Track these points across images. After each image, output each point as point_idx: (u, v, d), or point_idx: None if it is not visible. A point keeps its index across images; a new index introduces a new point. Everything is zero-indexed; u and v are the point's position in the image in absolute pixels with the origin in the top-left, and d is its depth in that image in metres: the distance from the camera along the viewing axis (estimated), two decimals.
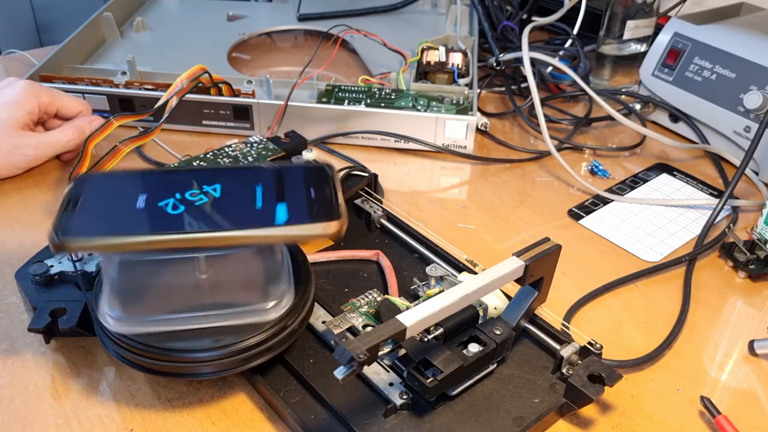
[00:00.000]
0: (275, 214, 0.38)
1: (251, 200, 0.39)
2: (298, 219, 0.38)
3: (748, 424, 0.43)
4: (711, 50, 0.69)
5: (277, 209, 0.38)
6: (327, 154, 0.68)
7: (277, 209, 0.38)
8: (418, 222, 0.57)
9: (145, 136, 0.60)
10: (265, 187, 0.40)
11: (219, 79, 0.67)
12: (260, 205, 0.39)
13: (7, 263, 0.52)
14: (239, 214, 0.38)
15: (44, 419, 0.41)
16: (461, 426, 0.40)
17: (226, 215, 0.38)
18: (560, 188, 0.65)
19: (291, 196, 0.40)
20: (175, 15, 0.91)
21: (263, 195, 0.39)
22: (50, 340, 0.45)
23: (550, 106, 0.78)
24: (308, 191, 0.40)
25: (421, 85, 0.73)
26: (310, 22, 0.90)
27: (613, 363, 0.45)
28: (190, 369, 0.40)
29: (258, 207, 0.39)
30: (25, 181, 0.62)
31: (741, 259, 0.54)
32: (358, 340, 0.35)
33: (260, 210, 0.38)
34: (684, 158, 0.70)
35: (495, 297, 0.45)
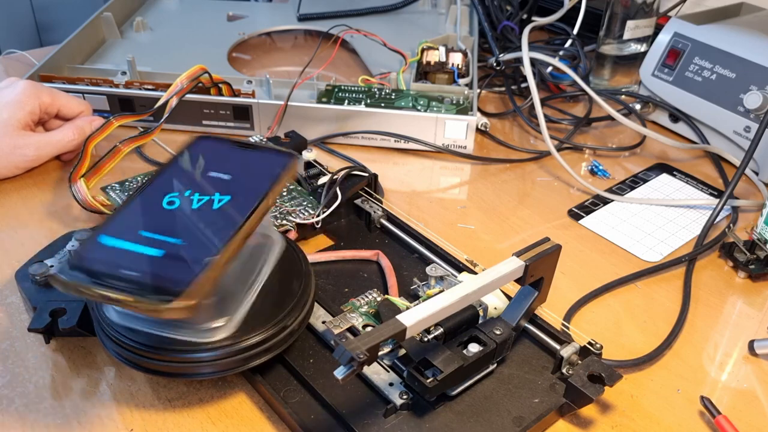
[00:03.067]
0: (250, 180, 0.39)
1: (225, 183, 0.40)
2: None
3: (748, 424, 0.43)
4: (711, 50, 0.69)
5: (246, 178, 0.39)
6: (327, 154, 0.68)
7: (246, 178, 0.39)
8: (418, 222, 0.57)
9: (145, 136, 0.60)
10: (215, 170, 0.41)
11: (219, 79, 0.67)
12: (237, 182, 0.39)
13: (7, 263, 0.52)
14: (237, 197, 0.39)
15: (44, 419, 0.41)
16: (461, 426, 0.40)
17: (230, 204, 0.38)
18: (560, 188, 0.65)
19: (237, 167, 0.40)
20: (175, 15, 0.91)
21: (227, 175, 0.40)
22: (50, 340, 0.45)
23: (550, 106, 0.78)
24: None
25: (421, 85, 0.73)
26: (310, 22, 0.90)
27: (613, 363, 0.45)
28: (190, 369, 0.40)
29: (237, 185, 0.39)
30: (25, 181, 0.62)
31: (741, 259, 0.54)
32: (358, 340, 0.35)
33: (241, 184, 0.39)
34: (684, 158, 0.71)
35: (495, 297, 0.45)
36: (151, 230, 0.37)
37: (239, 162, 0.42)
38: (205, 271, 0.34)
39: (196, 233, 0.37)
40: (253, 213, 0.38)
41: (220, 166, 0.41)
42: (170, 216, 0.38)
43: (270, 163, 0.42)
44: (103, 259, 0.35)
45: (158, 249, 0.36)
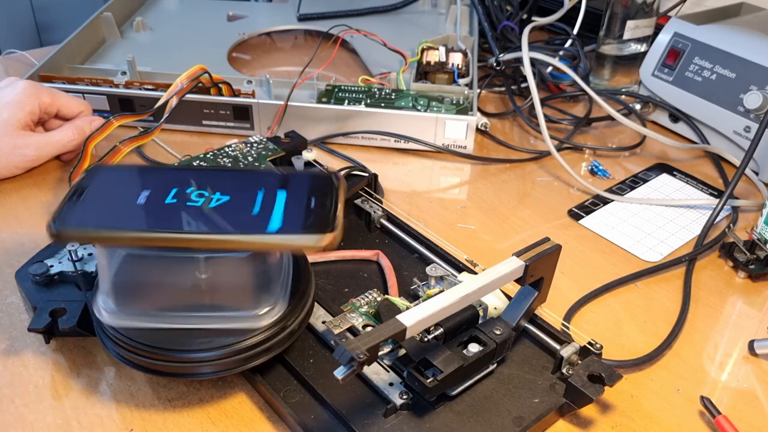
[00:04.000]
0: (269, 221, 0.38)
1: (250, 205, 0.39)
2: (291, 228, 0.38)
3: (748, 424, 0.43)
4: (711, 50, 0.69)
5: (273, 216, 0.38)
6: (327, 154, 0.68)
7: (273, 216, 0.38)
8: (418, 222, 0.57)
9: (145, 136, 0.60)
10: (267, 192, 0.40)
11: (219, 79, 0.67)
12: (257, 211, 0.39)
13: (7, 263, 0.52)
14: (234, 219, 0.38)
15: (44, 419, 0.41)
16: (461, 426, 0.40)
17: (222, 218, 0.38)
18: (560, 188, 0.65)
19: (290, 204, 0.39)
20: (175, 15, 0.91)
21: (263, 201, 0.39)
22: (50, 340, 0.45)
23: (550, 106, 0.78)
24: (309, 201, 0.40)
25: (421, 85, 0.73)
26: (310, 22, 0.90)
27: (613, 363, 0.45)
28: (190, 369, 0.40)
29: (254, 213, 0.39)
30: (25, 181, 0.62)
31: (741, 259, 0.54)
32: (358, 340, 0.35)
33: (255, 216, 0.38)
34: (684, 158, 0.71)
35: (495, 297, 0.45)
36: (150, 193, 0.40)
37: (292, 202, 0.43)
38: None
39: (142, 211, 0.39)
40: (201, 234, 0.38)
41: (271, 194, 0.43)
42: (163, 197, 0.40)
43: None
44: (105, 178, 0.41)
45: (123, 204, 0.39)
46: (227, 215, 0.38)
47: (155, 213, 0.38)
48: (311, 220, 0.38)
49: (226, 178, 0.42)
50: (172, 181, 0.41)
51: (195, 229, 0.37)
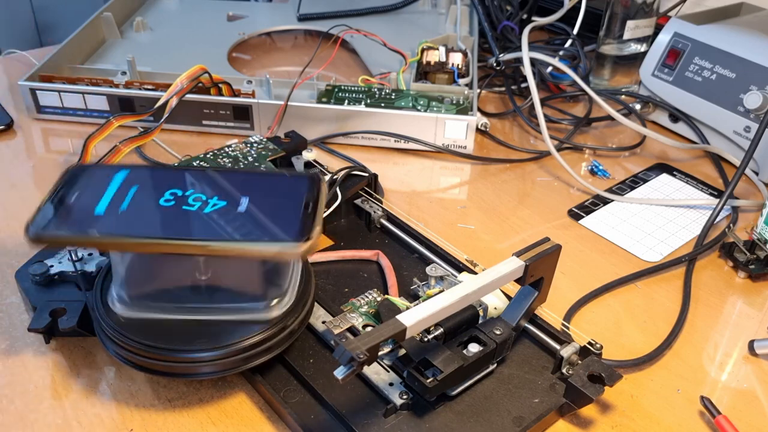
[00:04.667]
0: (246, 228, 0.38)
1: (232, 210, 0.39)
2: (265, 237, 0.37)
3: (748, 424, 0.43)
4: (711, 50, 0.69)
5: (251, 223, 0.38)
6: (327, 154, 0.68)
7: (251, 223, 0.38)
8: (418, 222, 0.57)
9: (145, 136, 0.59)
10: (251, 198, 0.40)
11: (219, 79, 0.67)
12: (238, 217, 0.39)
13: (7, 263, 0.52)
14: (214, 224, 0.38)
15: (44, 419, 0.41)
16: (461, 426, 0.40)
17: (201, 224, 0.38)
18: (560, 188, 0.65)
19: (268, 208, 0.39)
20: (175, 15, 0.91)
21: (247, 207, 0.39)
22: (50, 340, 0.45)
23: (550, 106, 0.78)
24: (288, 203, 0.40)
25: (421, 85, 0.73)
26: (310, 22, 0.90)
27: (613, 363, 0.45)
28: (190, 369, 0.40)
29: (235, 218, 0.38)
30: (25, 181, 0.62)
31: (741, 259, 0.54)
32: (358, 340, 0.35)
33: (237, 222, 0.38)
34: (684, 158, 0.71)
35: (495, 297, 0.45)
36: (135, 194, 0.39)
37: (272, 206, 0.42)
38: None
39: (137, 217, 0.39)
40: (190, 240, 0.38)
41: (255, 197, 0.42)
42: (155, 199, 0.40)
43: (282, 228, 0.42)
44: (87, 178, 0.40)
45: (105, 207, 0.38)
46: (207, 220, 0.38)
47: (133, 216, 0.38)
48: (290, 225, 0.38)
49: (211, 181, 0.42)
50: (153, 184, 0.41)
51: (172, 234, 0.37)
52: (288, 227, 0.38)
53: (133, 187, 0.40)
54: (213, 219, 0.38)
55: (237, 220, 0.38)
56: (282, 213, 0.39)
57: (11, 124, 0.70)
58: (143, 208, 0.39)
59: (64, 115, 0.71)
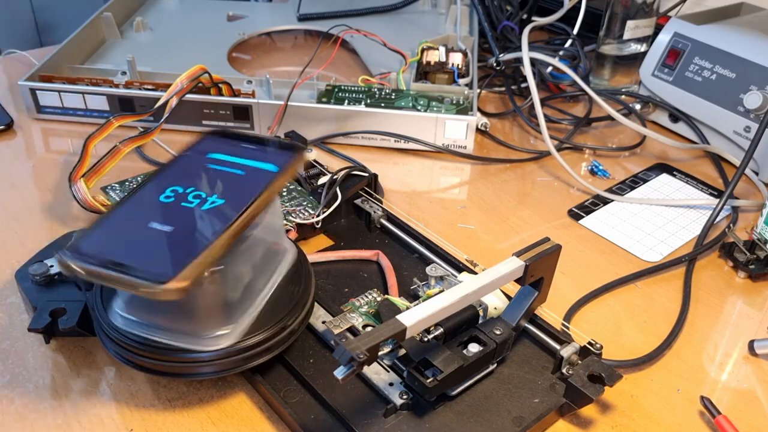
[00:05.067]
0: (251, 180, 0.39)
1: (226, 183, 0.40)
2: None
3: (748, 424, 0.43)
4: (711, 50, 0.69)
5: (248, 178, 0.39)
6: (327, 154, 0.68)
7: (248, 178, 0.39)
8: (418, 222, 0.57)
9: (145, 136, 0.59)
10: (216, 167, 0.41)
11: (219, 79, 0.67)
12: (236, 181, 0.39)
13: (7, 263, 0.52)
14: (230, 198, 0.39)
15: (44, 419, 0.41)
16: (461, 426, 0.40)
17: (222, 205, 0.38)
18: (560, 188, 0.65)
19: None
20: (175, 15, 0.91)
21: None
22: (50, 340, 0.45)
23: (550, 106, 0.78)
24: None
25: (421, 85, 0.73)
26: (310, 22, 0.90)
27: (613, 363, 0.45)
28: (190, 369, 0.40)
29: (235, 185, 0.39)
30: (25, 181, 0.62)
31: (741, 259, 0.54)
32: (358, 340, 0.35)
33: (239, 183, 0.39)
34: (684, 158, 0.71)
35: (495, 297, 0.45)
36: (153, 220, 0.37)
37: (245, 156, 0.42)
38: (198, 257, 0.35)
39: (193, 224, 0.37)
40: (252, 204, 0.38)
41: (225, 161, 0.42)
42: (170, 208, 0.39)
43: (275, 157, 0.42)
44: (100, 249, 0.36)
45: (156, 238, 0.36)
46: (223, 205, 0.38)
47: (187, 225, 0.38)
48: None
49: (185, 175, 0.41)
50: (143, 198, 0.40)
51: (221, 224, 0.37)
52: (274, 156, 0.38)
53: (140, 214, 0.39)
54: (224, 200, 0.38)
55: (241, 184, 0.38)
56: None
57: (11, 124, 0.70)
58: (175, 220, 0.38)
59: (64, 115, 0.71)
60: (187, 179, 0.40)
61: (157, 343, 0.39)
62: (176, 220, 0.38)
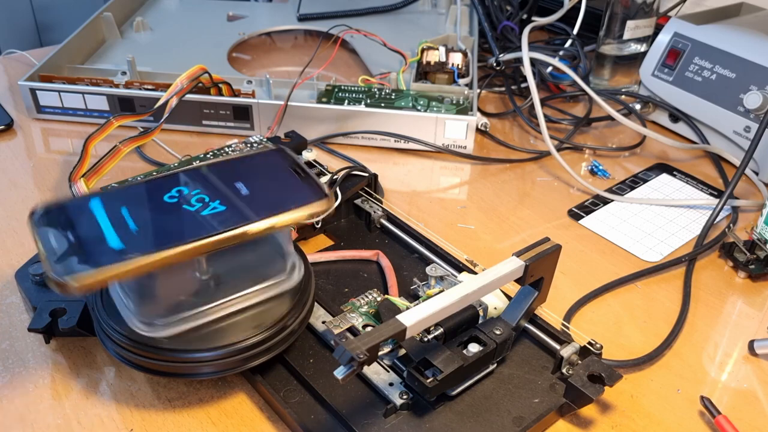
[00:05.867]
0: (262, 204, 0.38)
1: (236, 197, 0.39)
2: (291, 203, 0.38)
3: (748, 424, 0.43)
4: (711, 50, 0.69)
5: (260, 200, 0.39)
6: (327, 154, 0.68)
7: (260, 200, 0.39)
8: (418, 222, 0.57)
9: (145, 136, 0.59)
10: (243, 180, 0.40)
11: (219, 79, 0.67)
12: (246, 200, 0.39)
13: (7, 263, 0.52)
14: (229, 213, 0.38)
15: (44, 419, 0.41)
16: (461, 426, 0.40)
17: (217, 217, 0.38)
18: (560, 188, 0.65)
19: (268, 185, 0.40)
20: (175, 15, 0.91)
21: (247, 190, 0.40)
22: (50, 340, 0.45)
23: (550, 106, 0.78)
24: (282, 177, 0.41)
25: (421, 85, 0.73)
26: (310, 22, 0.90)
27: (613, 363, 0.45)
28: (190, 369, 0.40)
29: (243, 202, 0.39)
30: (25, 181, 0.62)
31: (741, 259, 0.54)
32: (358, 340, 0.35)
33: (248, 203, 0.39)
34: (684, 158, 0.71)
35: (495, 297, 0.45)
36: (131, 212, 0.38)
37: (275, 183, 0.42)
38: (111, 265, 0.34)
39: (158, 229, 0.38)
40: (224, 233, 0.37)
41: (248, 180, 0.41)
42: (156, 207, 0.39)
43: (297, 194, 0.41)
44: (72, 215, 0.37)
45: (112, 228, 0.37)
46: (223, 212, 0.38)
47: (151, 232, 0.37)
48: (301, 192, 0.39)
49: (199, 178, 0.41)
50: (143, 195, 0.40)
51: (203, 232, 0.36)
52: (299, 193, 0.39)
53: (123, 207, 0.38)
54: (224, 211, 0.38)
55: (248, 205, 0.39)
56: (281, 186, 0.40)
57: (11, 124, 0.70)
58: (154, 221, 0.38)
59: (64, 115, 0.71)
60: (199, 184, 0.41)
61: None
62: (152, 221, 0.38)
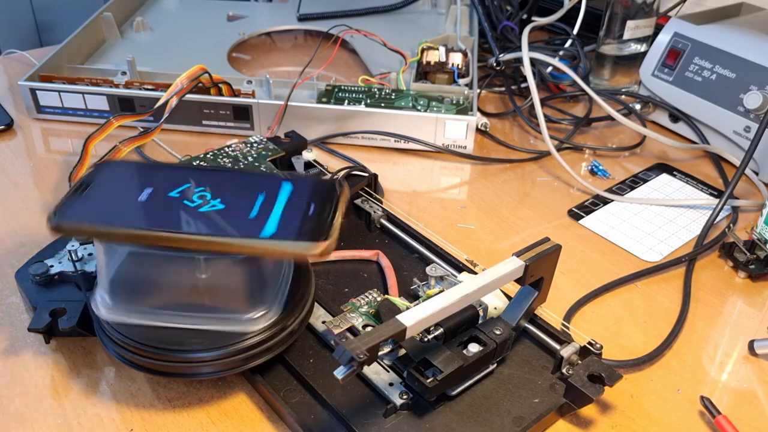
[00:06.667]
0: (264, 225, 0.38)
1: (248, 208, 0.39)
2: (285, 235, 0.37)
3: (748, 424, 0.43)
4: (711, 50, 0.69)
5: (269, 221, 0.38)
6: (327, 154, 0.68)
7: (269, 221, 0.38)
8: (418, 222, 0.57)
9: (145, 136, 0.59)
10: (268, 197, 0.40)
11: (219, 79, 0.67)
12: (254, 215, 0.38)
13: (7, 263, 0.52)
14: (232, 221, 0.38)
15: (44, 419, 0.41)
16: (461, 426, 0.40)
17: (220, 220, 0.38)
18: (560, 188, 0.65)
19: (289, 209, 0.39)
20: (175, 15, 0.91)
21: (262, 205, 0.39)
22: (50, 340, 0.45)
23: (550, 106, 0.78)
24: (308, 207, 0.39)
25: (421, 85, 0.73)
26: (310, 22, 0.90)
27: (613, 363, 0.45)
28: (190, 369, 0.40)
29: (252, 216, 0.38)
30: (25, 181, 0.62)
31: (741, 259, 0.54)
32: (358, 340, 0.35)
33: (252, 220, 0.38)
34: (684, 158, 0.71)
35: (495, 297, 0.45)
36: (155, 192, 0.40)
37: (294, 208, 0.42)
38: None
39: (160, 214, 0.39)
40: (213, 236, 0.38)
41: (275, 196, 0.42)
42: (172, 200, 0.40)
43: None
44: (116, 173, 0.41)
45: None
46: (226, 217, 0.38)
47: (155, 212, 0.39)
48: (307, 227, 0.38)
49: (229, 179, 0.42)
50: (175, 179, 0.41)
51: (192, 230, 0.37)
52: (308, 228, 0.38)
53: (153, 183, 0.41)
54: (230, 216, 0.38)
55: (255, 220, 0.38)
56: (303, 215, 0.39)
57: (11, 124, 0.70)
58: (164, 204, 0.39)
59: (64, 115, 0.71)
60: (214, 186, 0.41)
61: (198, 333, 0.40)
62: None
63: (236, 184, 0.42)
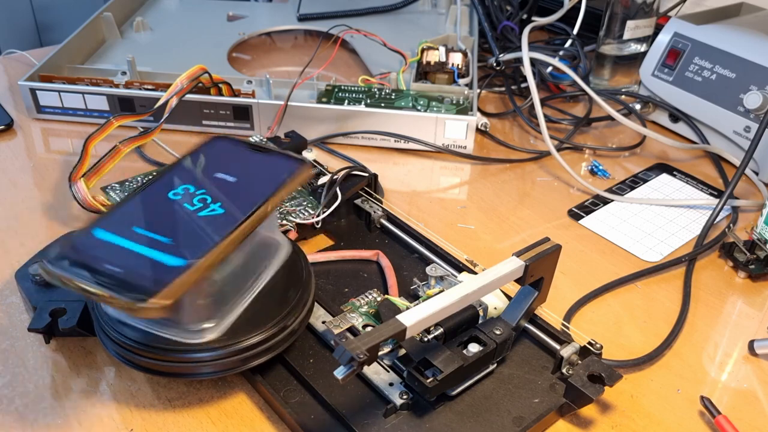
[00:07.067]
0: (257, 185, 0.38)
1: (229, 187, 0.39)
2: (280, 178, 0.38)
3: (748, 424, 0.43)
4: (711, 50, 0.69)
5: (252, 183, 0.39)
6: (327, 154, 0.68)
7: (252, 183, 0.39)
8: (418, 222, 0.57)
9: (145, 136, 0.59)
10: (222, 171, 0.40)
11: (219, 79, 0.67)
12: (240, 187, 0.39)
13: (7, 263, 0.52)
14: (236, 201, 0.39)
15: (44, 419, 0.41)
16: (461, 426, 0.40)
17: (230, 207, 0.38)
18: (560, 188, 0.65)
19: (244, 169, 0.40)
20: (175, 15, 0.91)
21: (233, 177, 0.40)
22: (50, 340, 0.45)
23: (550, 106, 0.78)
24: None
25: (421, 85, 0.73)
26: (310, 22, 0.90)
27: (613, 363, 0.45)
28: (190, 369, 0.40)
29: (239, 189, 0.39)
30: (25, 181, 0.62)
31: (741, 259, 0.54)
32: (358, 340, 0.35)
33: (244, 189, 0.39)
34: (684, 158, 0.71)
35: (495, 297, 0.45)
36: (144, 228, 0.37)
37: (248, 165, 0.42)
38: (184, 273, 0.34)
39: (187, 234, 0.37)
40: (249, 218, 0.38)
41: (227, 168, 0.41)
42: (165, 215, 0.38)
43: (279, 168, 0.41)
44: (90, 252, 0.35)
45: (146, 247, 0.36)
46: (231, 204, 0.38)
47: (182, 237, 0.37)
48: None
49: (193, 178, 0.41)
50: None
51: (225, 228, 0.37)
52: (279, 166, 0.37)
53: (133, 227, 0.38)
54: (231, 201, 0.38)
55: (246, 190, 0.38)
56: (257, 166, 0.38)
57: (11, 124, 0.70)
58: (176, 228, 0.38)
59: (64, 115, 0.71)
60: (188, 184, 0.40)
61: (146, 334, 0.39)
62: (171, 229, 0.37)
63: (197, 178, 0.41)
